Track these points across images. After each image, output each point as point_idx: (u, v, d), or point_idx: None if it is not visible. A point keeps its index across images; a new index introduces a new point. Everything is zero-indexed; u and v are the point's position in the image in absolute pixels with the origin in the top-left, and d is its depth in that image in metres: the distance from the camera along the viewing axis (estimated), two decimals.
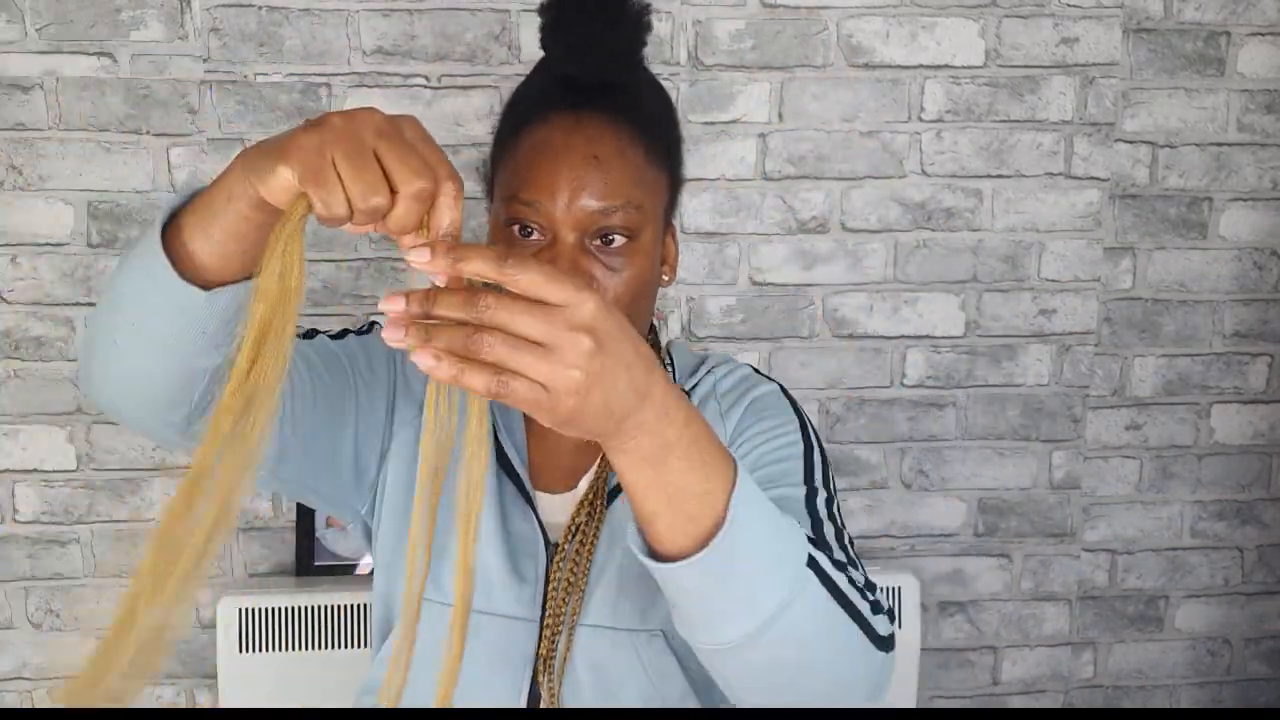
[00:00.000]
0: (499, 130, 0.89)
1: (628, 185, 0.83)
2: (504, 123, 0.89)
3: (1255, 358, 1.75)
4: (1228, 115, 1.67)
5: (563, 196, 0.81)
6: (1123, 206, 1.69)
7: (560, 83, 0.85)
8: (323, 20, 1.53)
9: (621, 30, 0.85)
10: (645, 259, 0.84)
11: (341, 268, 1.58)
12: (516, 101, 0.89)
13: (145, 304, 0.70)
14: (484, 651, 0.86)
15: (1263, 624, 1.83)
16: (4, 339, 1.56)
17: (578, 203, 0.81)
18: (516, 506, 0.90)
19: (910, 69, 1.61)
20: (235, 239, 0.68)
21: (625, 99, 0.85)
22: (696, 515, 0.61)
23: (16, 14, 1.49)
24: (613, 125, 0.83)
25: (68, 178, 1.53)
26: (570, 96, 0.83)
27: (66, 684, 0.59)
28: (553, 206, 0.81)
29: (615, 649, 0.85)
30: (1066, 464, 1.74)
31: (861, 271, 1.65)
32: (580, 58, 0.85)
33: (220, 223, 0.68)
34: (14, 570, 1.61)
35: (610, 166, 0.82)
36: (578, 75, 0.84)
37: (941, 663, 1.77)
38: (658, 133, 0.88)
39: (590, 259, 0.82)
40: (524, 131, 0.85)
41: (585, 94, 0.84)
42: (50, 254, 1.55)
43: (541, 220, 0.82)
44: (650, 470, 0.60)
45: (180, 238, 0.69)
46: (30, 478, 1.59)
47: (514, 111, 0.88)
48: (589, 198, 0.81)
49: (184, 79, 1.52)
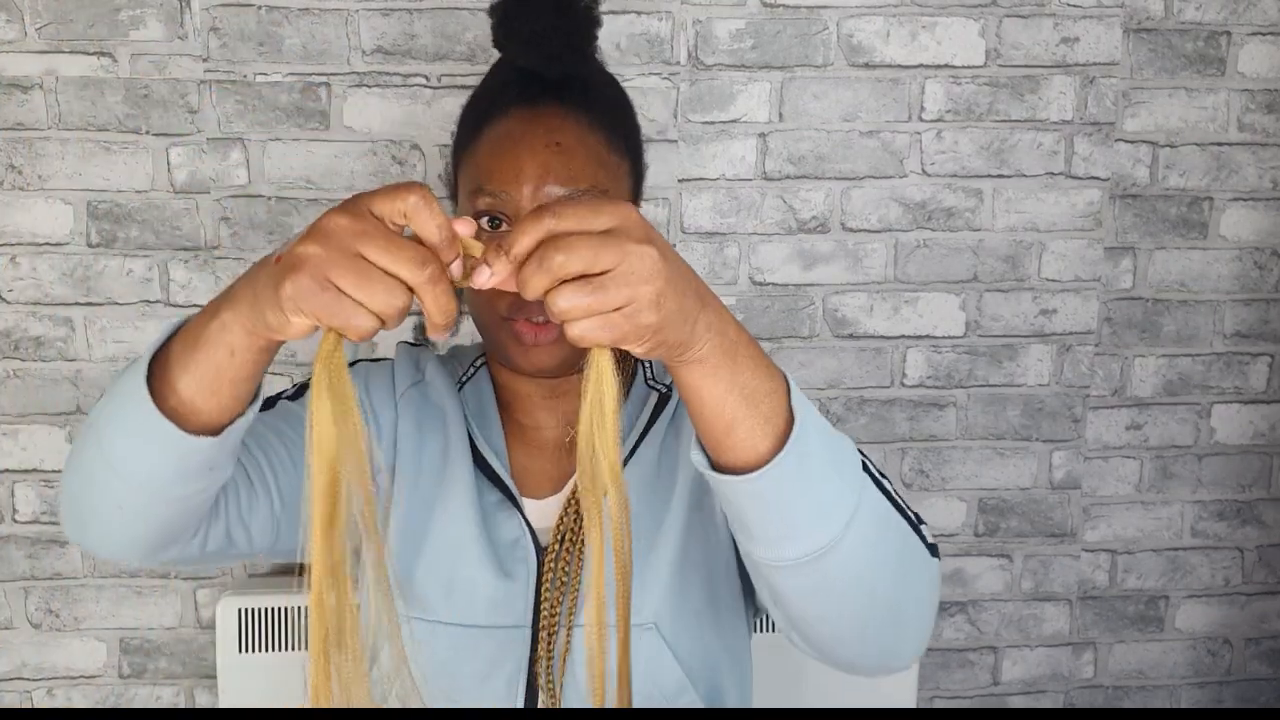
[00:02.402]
0: (459, 131, 0.91)
1: (591, 169, 0.84)
2: (463, 123, 0.90)
3: (1256, 358, 1.75)
4: (1228, 115, 1.67)
5: (528, 184, 0.82)
6: (1123, 206, 1.68)
7: (516, 78, 0.87)
8: (322, 20, 1.52)
9: (571, 23, 0.87)
10: None
11: None
12: (475, 101, 0.91)
13: (139, 455, 0.69)
14: (479, 664, 0.86)
15: (1263, 624, 1.83)
16: (3, 339, 1.56)
17: (543, 190, 0.82)
18: (501, 513, 0.89)
19: (910, 69, 1.61)
20: (242, 381, 0.67)
21: (580, 91, 0.86)
22: (770, 415, 0.63)
23: (16, 14, 1.49)
24: (571, 115, 0.85)
25: (67, 177, 1.53)
26: (527, 91, 0.85)
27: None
28: (519, 195, 0.82)
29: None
30: (1067, 464, 1.74)
31: (862, 271, 1.65)
32: (532, 52, 0.86)
33: (221, 371, 0.66)
34: (14, 570, 1.61)
35: (572, 153, 0.83)
36: (531, 69, 0.86)
37: (942, 663, 1.77)
38: (615, 122, 0.89)
39: None
40: (484, 128, 0.86)
41: (541, 87, 0.85)
42: (50, 254, 1.55)
43: (508, 210, 0.83)
44: (726, 373, 0.62)
45: (169, 384, 0.67)
46: (30, 478, 1.59)
47: (473, 111, 0.90)
48: (554, 184, 0.82)
49: (183, 79, 1.52)
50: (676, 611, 0.86)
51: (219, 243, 1.56)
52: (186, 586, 1.64)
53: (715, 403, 0.62)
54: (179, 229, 1.55)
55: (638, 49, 1.56)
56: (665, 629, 0.85)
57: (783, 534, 0.65)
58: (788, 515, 0.64)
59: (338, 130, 1.55)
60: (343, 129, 1.55)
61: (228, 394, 0.67)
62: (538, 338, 0.84)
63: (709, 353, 0.61)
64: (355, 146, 1.55)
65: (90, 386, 1.58)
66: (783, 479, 0.63)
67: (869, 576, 0.67)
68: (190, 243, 1.56)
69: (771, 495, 0.64)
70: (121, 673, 1.65)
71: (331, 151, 1.55)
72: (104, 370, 1.57)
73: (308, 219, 1.56)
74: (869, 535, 0.66)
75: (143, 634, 1.64)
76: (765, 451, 0.63)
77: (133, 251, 1.55)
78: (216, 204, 1.55)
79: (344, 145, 1.55)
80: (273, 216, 1.56)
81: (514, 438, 0.94)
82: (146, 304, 1.57)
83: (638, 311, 0.56)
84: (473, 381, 0.96)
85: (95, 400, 1.57)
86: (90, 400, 1.58)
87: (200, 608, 1.64)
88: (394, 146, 1.56)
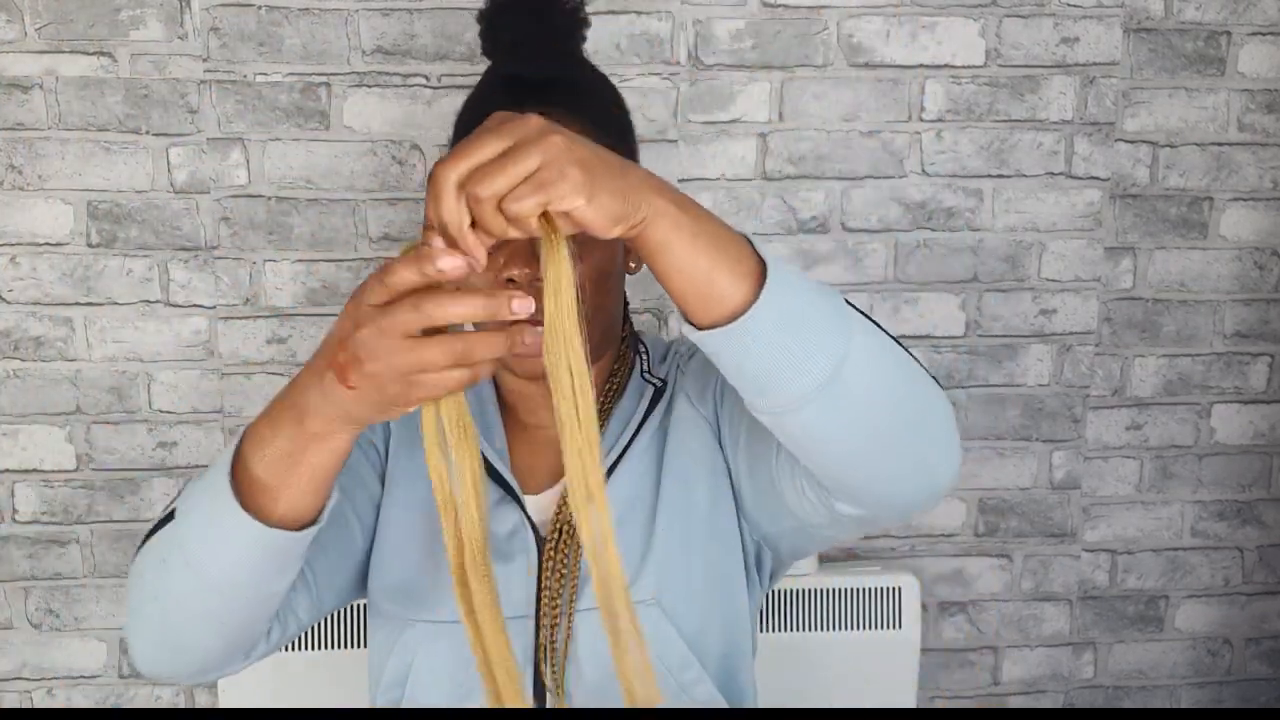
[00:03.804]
0: (453, 138, 0.92)
1: None
2: (457, 130, 0.91)
3: (1256, 358, 1.75)
4: (1228, 115, 1.67)
5: None
6: (1123, 206, 1.68)
7: (503, 84, 0.87)
8: (322, 20, 1.52)
9: (556, 26, 0.88)
10: (606, 245, 0.86)
11: (341, 268, 1.58)
12: (466, 108, 0.92)
13: (237, 565, 0.71)
14: None
15: (1263, 624, 1.83)
16: (3, 339, 1.56)
17: None
18: (502, 508, 0.91)
19: (910, 69, 1.61)
20: (326, 480, 0.71)
21: (571, 93, 0.87)
22: (741, 257, 0.66)
23: (16, 14, 1.49)
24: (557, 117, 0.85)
25: (67, 177, 1.53)
26: (513, 95, 0.85)
27: None
28: None
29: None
30: (1067, 464, 1.74)
31: (862, 271, 1.65)
32: (515, 57, 0.87)
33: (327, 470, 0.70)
34: (14, 570, 1.61)
35: None
36: (519, 74, 0.86)
37: (942, 663, 1.77)
38: (608, 121, 0.90)
39: None
40: None
41: (531, 90, 0.85)
42: (50, 254, 1.55)
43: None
44: (689, 222, 0.64)
45: (262, 499, 0.70)
46: (30, 478, 1.59)
47: (465, 118, 0.91)
48: None
49: (183, 79, 1.52)
50: (677, 588, 0.88)
51: (219, 243, 1.56)
52: None
53: (688, 255, 0.64)
54: (179, 229, 1.55)
55: (637, 49, 1.56)
56: (666, 604, 0.87)
57: (795, 366, 0.66)
58: (794, 342, 0.66)
59: (338, 130, 1.55)
60: (343, 129, 1.55)
61: (326, 485, 0.71)
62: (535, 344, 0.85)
63: (666, 208, 0.63)
64: (355, 146, 1.55)
65: (90, 386, 1.58)
66: (780, 304, 0.65)
67: (884, 382, 0.69)
68: (190, 243, 1.56)
69: (773, 326, 0.65)
70: (121, 673, 1.65)
71: (331, 151, 1.55)
72: (104, 370, 1.57)
73: (308, 219, 1.56)
74: (871, 346, 0.69)
75: None
76: (748, 291, 0.65)
77: (133, 251, 1.55)
78: (216, 204, 1.55)
79: (344, 145, 1.55)
80: (273, 216, 1.56)
81: (516, 437, 0.96)
82: (146, 304, 1.57)
83: (560, 166, 0.59)
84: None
85: (96, 402, 1.57)
86: (90, 400, 1.58)
87: None
88: (394, 146, 1.56)
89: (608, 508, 0.65)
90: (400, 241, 1.58)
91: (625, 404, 0.94)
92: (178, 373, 1.58)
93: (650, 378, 0.96)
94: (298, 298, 1.58)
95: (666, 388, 0.95)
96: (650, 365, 0.97)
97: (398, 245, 1.58)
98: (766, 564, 0.96)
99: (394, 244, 1.58)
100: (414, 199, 1.57)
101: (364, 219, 1.57)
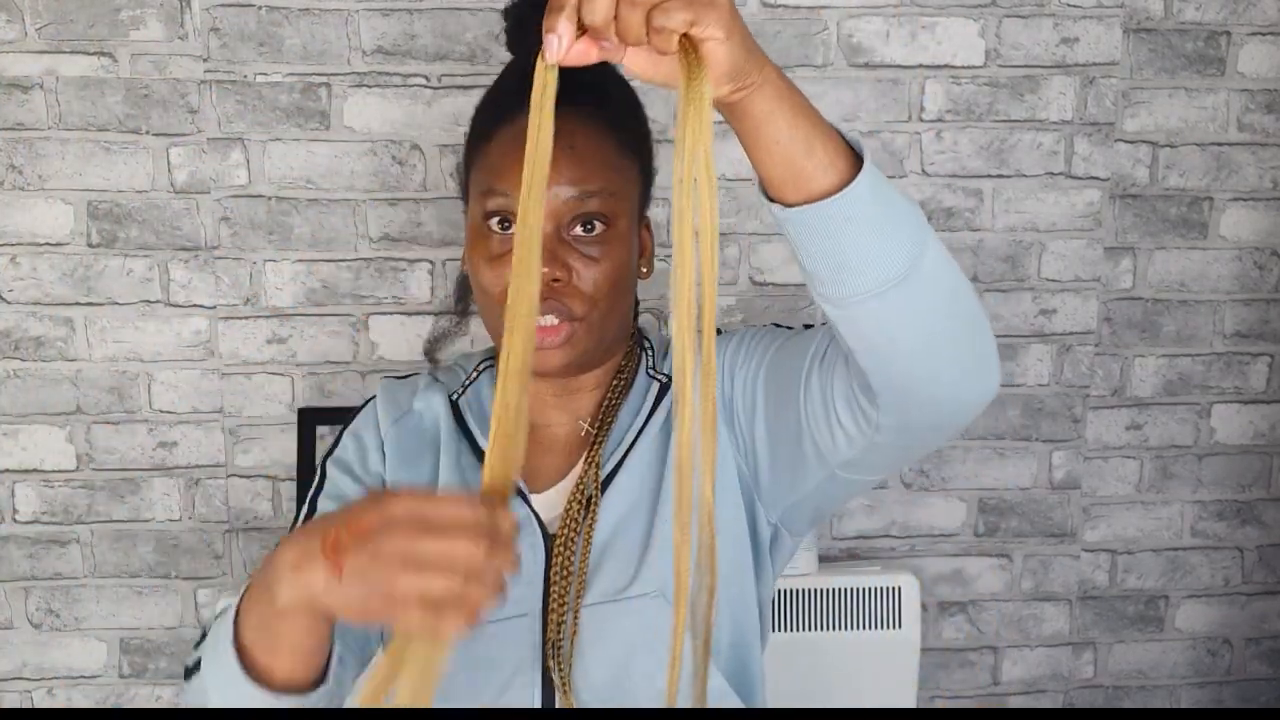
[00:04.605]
0: (470, 134, 0.91)
1: (602, 171, 0.85)
2: (475, 125, 0.91)
3: (1255, 358, 1.75)
4: (1228, 115, 1.67)
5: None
6: (1123, 206, 1.68)
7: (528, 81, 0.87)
8: (322, 20, 1.53)
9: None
10: (623, 248, 0.86)
11: (341, 268, 1.58)
12: (487, 102, 0.91)
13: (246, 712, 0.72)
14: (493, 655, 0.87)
15: (1263, 624, 1.83)
16: (3, 339, 1.56)
17: (553, 190, 0.82)
18: None
19: (910, 69, 1.61)
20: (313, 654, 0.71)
21: (593, 93, 0.87)
22: (835, 137, 0.66)
23: (16, 14, 1.49)
24: (583, 117, 0.85)
25: (67, 177, 1.53)
26: None
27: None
28: None
29: (619, 620, 0.86)
30: (1067, 464, 1.74)
31: None
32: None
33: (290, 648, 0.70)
34: (14, 570, 1.61)
35: (584, 154, 0.84)
36: None
37: (942, 663, 1.77)
38: (627, 124, 0.91)
39: (568, 249, 0.84)
40: (496, 129, 0.87)
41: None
42: (50, 254, 1.55)
43: (518, 211, 0.83)
44: (795, 96, 0.64)
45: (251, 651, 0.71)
46: (30, 478, 1.59)
47: (485, 112, 0.90)
48: (565, 185, 0.83)
49: (184, 79, 1.52)
50: None
51: (219, 243, 1.56)
52: (187, 586, 1.64)
53: (790, 127, 0.64)
54: (179, 229, 1.55)
55: None
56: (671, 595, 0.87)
57: (883, 249, 0.66)
58: (887, 223, 0.66)
59: (338, 130, 1.55)
60: (343, 129, 1.55)
61: (316, 657, 0.71)
62: (546, 340, 0.85)
63: (775, 76, 0.64)
64: (355, 146, 1.55)
65: (90, 386, 1.58)
66: (875, 186, 0.65)
67: (953, 282, 0.71)
68: (190, 243, 1.56)
69: (868, 205, 0.65)
70: (121, 673, 1.65)
71: (332, 152, 1.55)
72: (104, 370, 1.57)
73: (308, 219, 1.56)
74: (942, 245, 0.70)
75: (143, 634, 1.64)
76: (844, 169, 0.65)
77: (133, 251, 1.55)
78: (216, 204, 1.55)
79: (344, 145, 1.55)
80: (273, 216, 1.56)
81: None
82: (146, 304, 1.57)
83: (709, 5, 0.59)
84: (473, 387, 0.98)
85: (96, 402, 1.57)
86: (90, 400, 1.58)
87: (200, 608, 1.64)
88: (394, 146, 1.56)
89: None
90: (400, 241, 1.58)
91: (632, 399, 0.95)
92: (178, 373, 1.58)
93: (655, 374, 0.96)
94: (298, 298, 1.58)
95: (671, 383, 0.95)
96: (655, 362, 0.98)
97: (398, 245, 1.58)
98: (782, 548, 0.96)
99: (394, 244, 1.58)
100: (414, 199, 1.57)
101: (364, 219, 1.57)
